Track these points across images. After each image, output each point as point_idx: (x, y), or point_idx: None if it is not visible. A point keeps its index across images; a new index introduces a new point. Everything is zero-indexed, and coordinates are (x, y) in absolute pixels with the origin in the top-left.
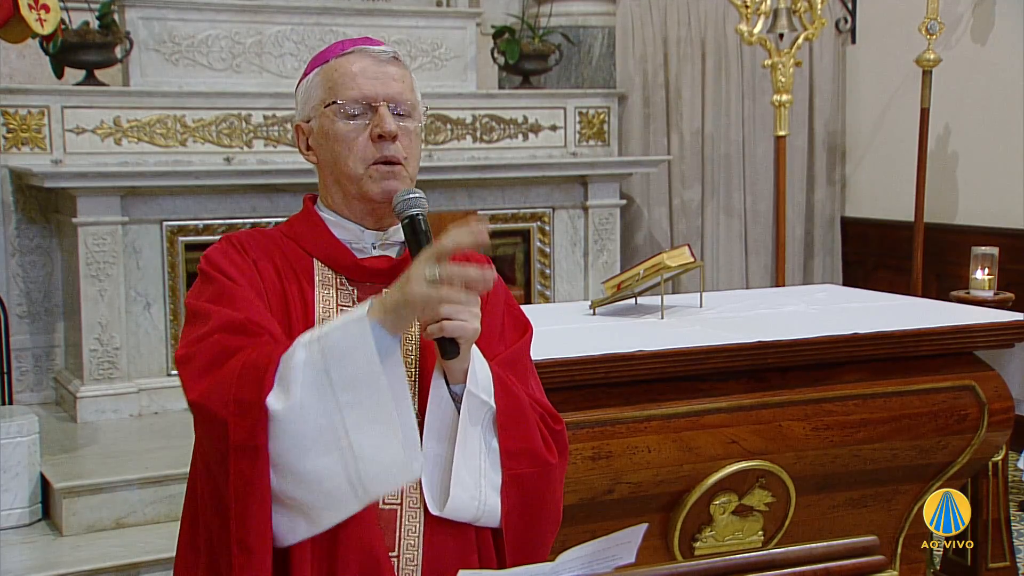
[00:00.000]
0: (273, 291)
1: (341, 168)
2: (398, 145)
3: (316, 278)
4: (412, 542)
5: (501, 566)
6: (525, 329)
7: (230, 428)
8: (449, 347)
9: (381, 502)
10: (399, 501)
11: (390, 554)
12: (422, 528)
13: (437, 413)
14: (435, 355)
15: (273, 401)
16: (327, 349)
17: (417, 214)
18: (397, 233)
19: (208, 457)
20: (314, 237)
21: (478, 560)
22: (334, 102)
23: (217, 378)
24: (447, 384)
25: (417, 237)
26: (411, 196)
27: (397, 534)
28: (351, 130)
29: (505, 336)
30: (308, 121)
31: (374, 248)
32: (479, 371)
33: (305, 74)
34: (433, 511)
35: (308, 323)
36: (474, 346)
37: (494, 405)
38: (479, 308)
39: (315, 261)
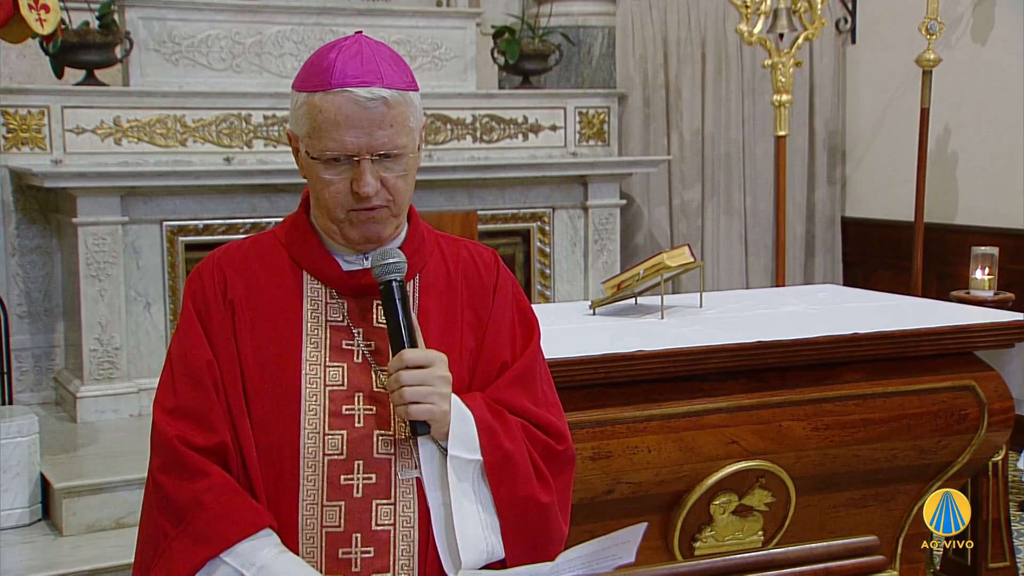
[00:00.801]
0: (255, 317)
1: (323, 207)
2: (379, 195)
3: (305, 291)
4: (406, 562)
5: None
6: (532, 331)
7: (156, 562)
8: (420, 427)
9: (374, 522)
10: (392, 522)
11: (384, 575)
12: (416, 548)
13: (430, 468)
14: None
15: None
16: None
17: (392, 280)
18: (395, 243)
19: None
20: (305, 249)
21: None
22: (314, 158)
23: (172, 506)
24: (433, 439)
25: (392, 304)
26: (389, 262)
27: (391, 555)
28: (331, 178)
29: (515, 338)
30: (298, 138)
31: (366, 260)
32: (459, 430)
33: (298, 84)
34: (450, 575)
35: (292, 343)
36: (455, 398)
37: (481, 458)
38: (449, 388)
39: (305, 274)
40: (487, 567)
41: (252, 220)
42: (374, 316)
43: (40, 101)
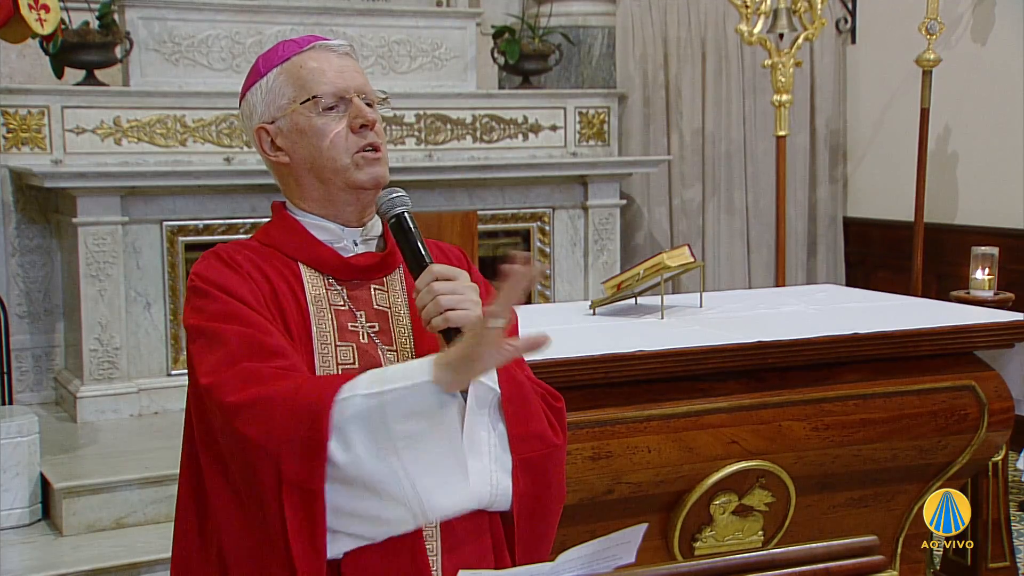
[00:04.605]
0: (270, 300)
1: (324, 162)
2: (376, 132)
3: (305, 282)
4: (430, 532)
5: (511, 546)
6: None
7: (284, 465)
8: (455, 337)
9: None
10: None
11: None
12: None
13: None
14: (429, 343)
15: (335, 450)
16: (387, 405)
17: (402, 212)
18: (375, 227)
19: (246, 486)
20: (295, 242)
21: (490, 541)
22: (311, 98)
23: (262, 409)
24: None
25: (405, 235)
26: (394, 196)
27: None
28: (329, 123)
29: None
30: (273, 122)
31: (356, 245)
32: None
33: (259, 75)
34: None
35: (306, 327)
36: None
37: (499, 390)
38: (478, 296)
39: (300, 265)
40: (498, 547)
41: (252, 220)
42: (373, 299)
43: (40, 101)
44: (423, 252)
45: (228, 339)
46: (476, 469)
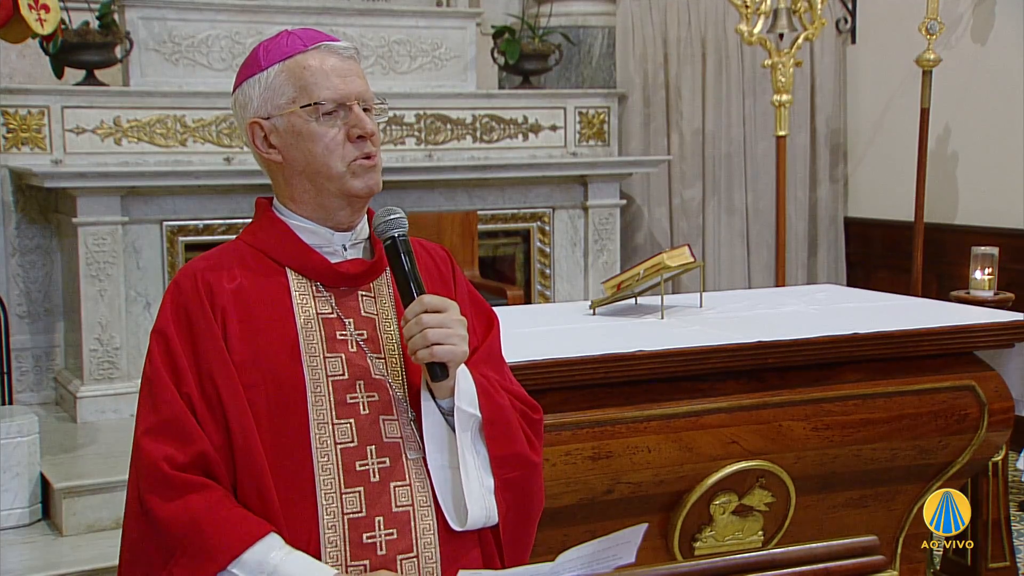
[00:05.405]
0: (247, 319)
1: (318, 168)
2: (372, 141)
3: (292, 288)
4: (429, 540)
5: (499, 552)
6: (491, 319)
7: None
8: (439, 371)
9: (394, 504)
10: (410, 502)
11: (408, 555)
12: (436, 526)
13: (431, 426)
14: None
15: None
16: None
17: (398, 235)
18: (364, 230)
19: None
20: (283, 246)
21: (480, 551)
22: (312, 103)
23: (163, 531)
24: (433, 397)
25: (399, 258)
26: (392, 217)
27: (413, 535)
28: (327, 130)
29: (475, 329)
30: (268, 119)
31: (345, 249)
32: (463, 385)
33: (259, 67)
34: (456, 527)
35: (289, 338)
36: None
37: (479, 415)
38: (465, 331)
39: (288, 270)
40: (487, 553)
41: (251, 220)
42: (360, 306)
43: (40, 101)
44: (415, 279)
45: (160, 406)
46: (471, 495)
